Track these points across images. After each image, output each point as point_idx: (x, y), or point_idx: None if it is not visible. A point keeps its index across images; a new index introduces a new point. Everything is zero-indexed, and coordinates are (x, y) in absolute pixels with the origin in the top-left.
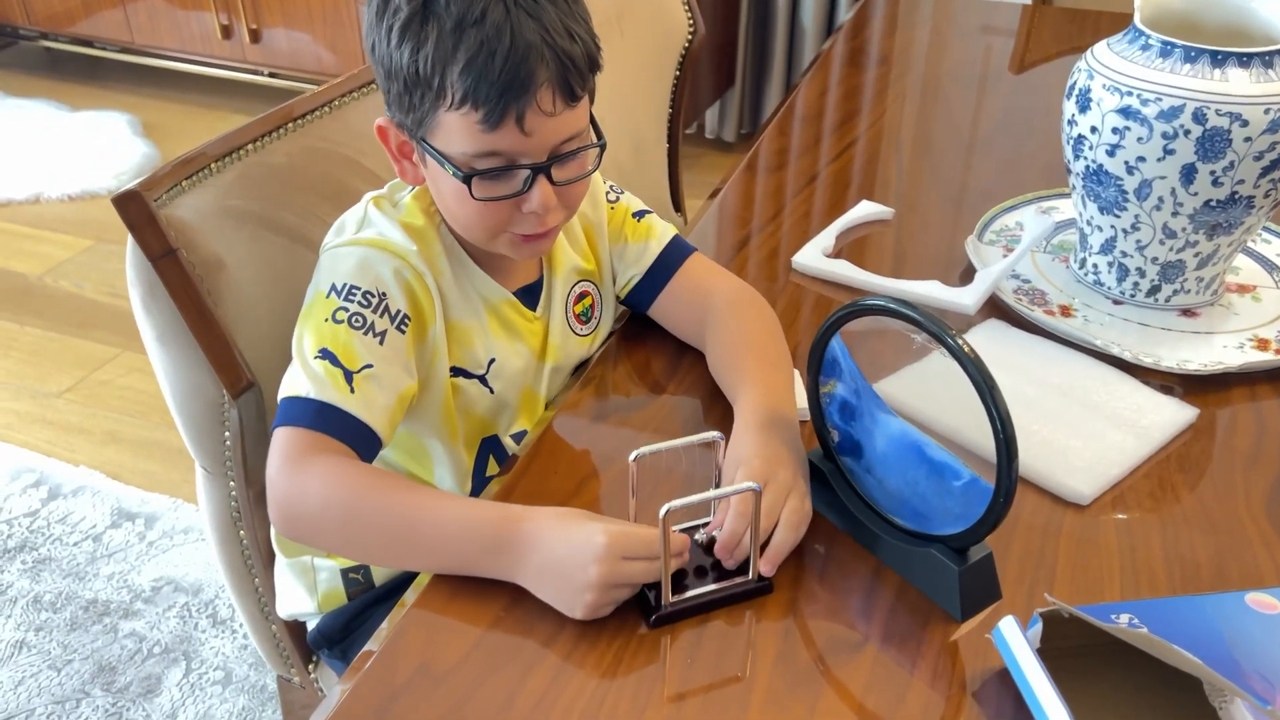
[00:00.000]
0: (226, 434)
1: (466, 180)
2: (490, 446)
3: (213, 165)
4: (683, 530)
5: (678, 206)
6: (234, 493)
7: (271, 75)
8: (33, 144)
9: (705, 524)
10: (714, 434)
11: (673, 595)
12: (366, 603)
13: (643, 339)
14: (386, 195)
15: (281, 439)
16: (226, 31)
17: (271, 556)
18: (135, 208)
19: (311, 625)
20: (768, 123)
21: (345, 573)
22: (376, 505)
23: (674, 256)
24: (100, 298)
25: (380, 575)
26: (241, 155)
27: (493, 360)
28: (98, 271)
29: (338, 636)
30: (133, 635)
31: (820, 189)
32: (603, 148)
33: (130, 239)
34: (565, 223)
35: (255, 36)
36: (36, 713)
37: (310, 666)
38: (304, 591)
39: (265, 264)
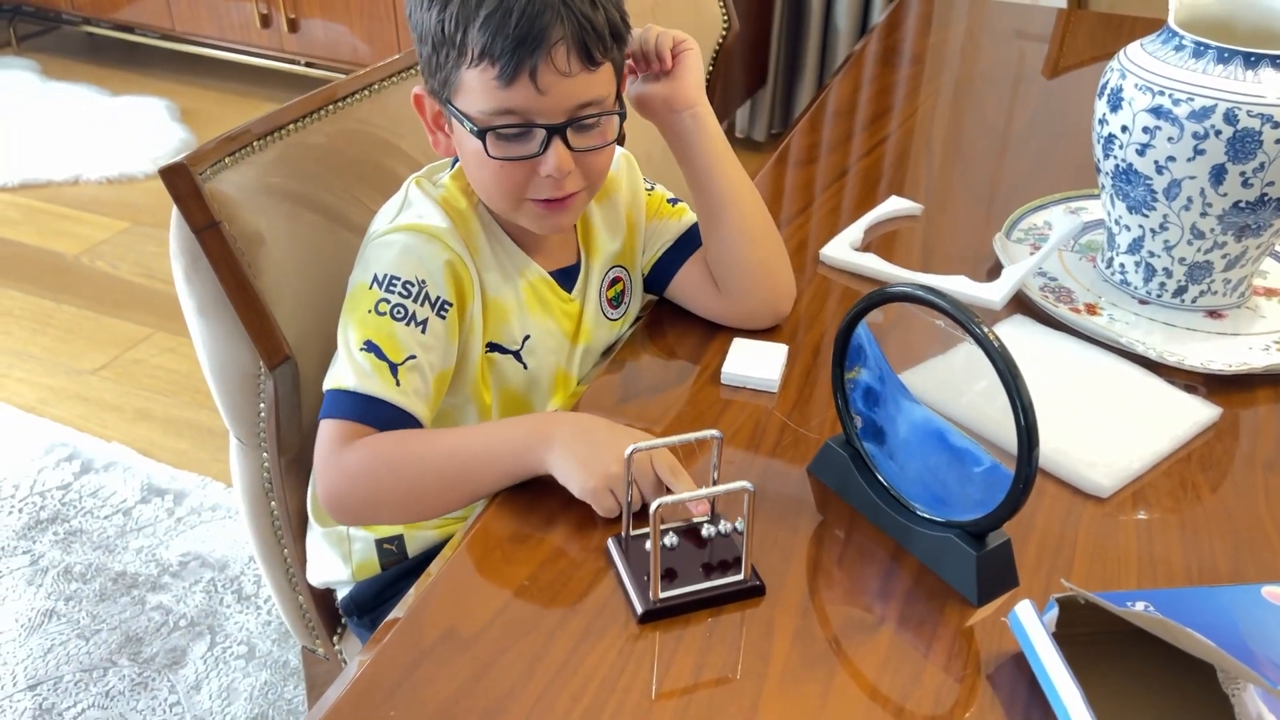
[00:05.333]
0: (261, 405)
1: (482, 135)
2: None
3: (255, 143)
4: (677, 528)
5: None
6: (266, 464)
7: (308, 65)
8: (73, 127)
9: (702, 523)
10: (712, 432)
11: (662, 591)
12: (399, 574)
13: (670, 324)
14: (426, 176)
15: (326, 431)
16: (265, 21)
17: (301, 528)
18: (181, 180)
19: (343, 594)
20: (800, 118)
21: (379, 543)
22: (423, 451)
23: (698, 235)
24: (135, 278)
25: (414, 547)
26: (283, 134)
27: (527, 336)
28: (134, 253)
29: (369, 605)
30: (159, 608)
31: (850, 184)
32: (623, 116)
33: (175, 211)
34: (588, 198)
35: (293, 26)
36: (64, 680)
37: (335, 638)
38: (339, 560)
39: (303, 241)
